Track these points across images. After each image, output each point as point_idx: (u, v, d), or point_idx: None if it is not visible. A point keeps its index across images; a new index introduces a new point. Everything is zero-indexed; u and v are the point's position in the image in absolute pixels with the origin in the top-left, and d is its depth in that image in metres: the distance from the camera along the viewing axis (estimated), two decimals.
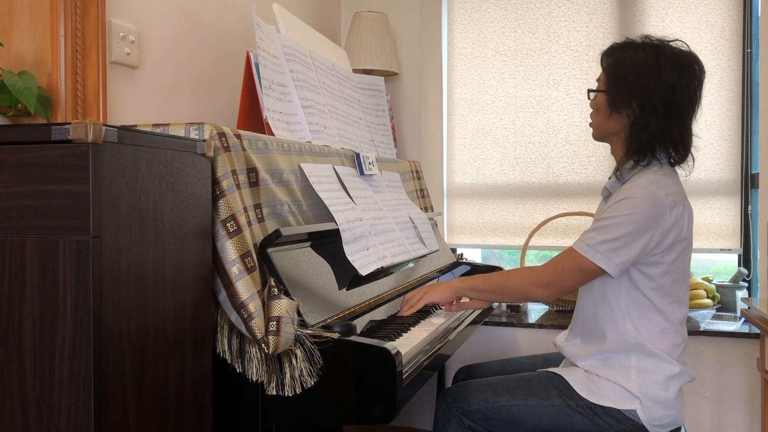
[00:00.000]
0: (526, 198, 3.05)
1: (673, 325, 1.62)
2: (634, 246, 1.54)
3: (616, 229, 1.54)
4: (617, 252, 1.54)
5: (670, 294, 1.62)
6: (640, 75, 1.59)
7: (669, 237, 1.57)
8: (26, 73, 1.45)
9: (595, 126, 1.73)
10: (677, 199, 1.58)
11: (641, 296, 1.60)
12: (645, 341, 1.60)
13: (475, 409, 1.66)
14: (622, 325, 1.62)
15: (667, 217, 1.55)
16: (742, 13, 2.77)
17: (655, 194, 1.55)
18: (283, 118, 1.83)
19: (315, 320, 1.43)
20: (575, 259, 1.58)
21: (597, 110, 1.70)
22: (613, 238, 1.54)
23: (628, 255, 1.55)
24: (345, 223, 1.69)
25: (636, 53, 1.62)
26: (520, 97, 3.05)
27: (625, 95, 1.61)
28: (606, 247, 1.55)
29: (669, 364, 1.60)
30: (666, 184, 1.58)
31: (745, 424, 2.50)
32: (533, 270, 1.68)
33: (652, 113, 1.58)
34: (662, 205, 1.55)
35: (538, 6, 3.02)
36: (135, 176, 1.07)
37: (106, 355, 1.01)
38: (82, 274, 0.98)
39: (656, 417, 1.59)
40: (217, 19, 2.16)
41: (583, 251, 1.57)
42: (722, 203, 2.80)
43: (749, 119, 2.78)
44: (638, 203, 1.54)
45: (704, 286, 2.63)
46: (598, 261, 1.55)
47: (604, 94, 1.66)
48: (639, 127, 1.61)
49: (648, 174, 1.60)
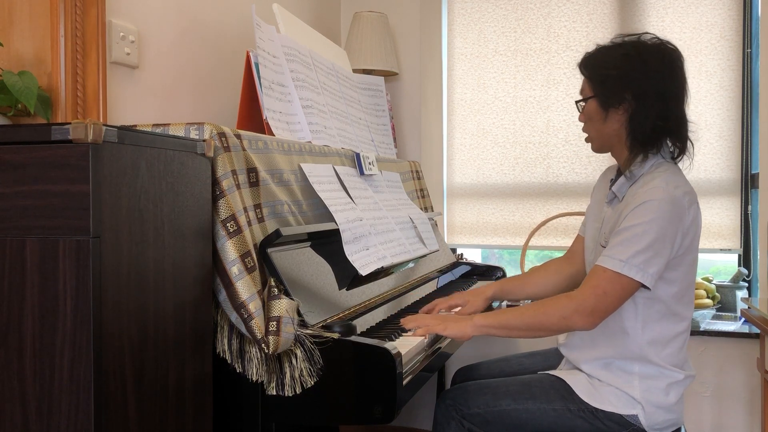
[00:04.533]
0: (526, 198, 3.05)
1: (683, 326, 1.61)
2: (663, 252, 1.49)
3: (643, 238, 1.48)
4: (650, 262, 1.48)
5: (685, 295, 1.60)
6: (626, 68, 1.58)
7: (688, 236, 1.54)
8: (26, 73, 1.45)
9: (594, 137, 1.68)
10: (692, 197, 1.56)
11: (659, 303, 1.57)
12: (652, 349, 1.58)
13: (475, 412, 1.65)
14: (630, 331, 1.59)
15: (687, 216, 1.53)
16: (742, 13, 2.77)
17: (673, 194, 1.51)
18: (283, 118, 1.83)
19: (315, 320, 1.43)
20: (612, 278, 1.50)
21: (590, 119, 1.66)
22: (643, 248, 1.48)
23: (660, 262, 1.50)
24: (345, 223, 1.69)
25: (615, 51, 1.62)
26: (520, 97, 3.05)
27: (617, 91, 1.59)
28: (640, 260, 1.48)
29: (672, 372, 1.59)
30: (681, 183, 1.55)
31: (745, 424, 2.50)
32: (571, 298, 1.54)
33: (649, 99, 1.57)
34: (681, 205, 1.52)
35: (538, 6, 3.02)
36: (135, 176, 1.07)
37: (106, 355, 1.01)
38: (82, 274, 0.98)
39: (658, 421, 1.58)
40: (217, 19, 2.16)
41: (618, 269, 1.49)
42: (722, 203, 2.79)
43: (749, 119, 2.78)
44: (660, 206, 1.49)
45: (704, 286, 2.63)
46: (635, 276, 1.48)
47: (594, 100, 1.64)
48: (641, 117, 1.58)
49: (660, 175, 1.56)
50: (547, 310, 1.55)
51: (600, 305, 1.50)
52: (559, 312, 1.53)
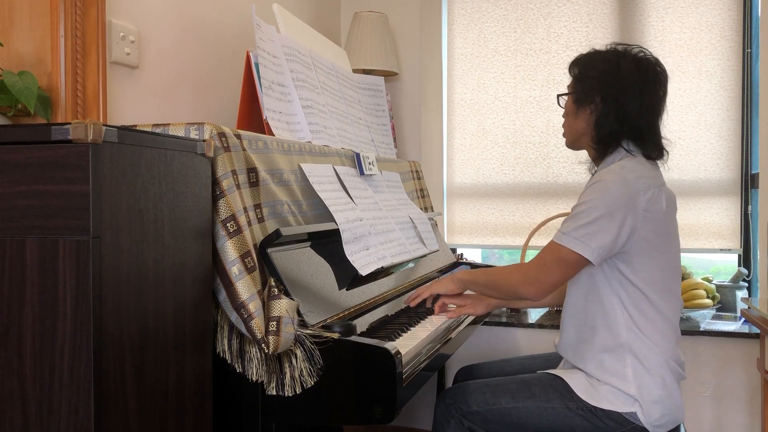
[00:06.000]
0: (526, 198, 3.05)
1: (666, 316, 1.62)
2: (609, 229, 1.54)
3: (588, 214, 1.56)
4: (593, 236, 1.55)
5: (661, 284, 1.62)
6: (602, 72, 1.68)
7: (649, 220, 1.57)
8: (26, 73, 1.45)
9: (566, 130, 1.80)
10: (650, 182, 1.60)
11: (633, 288, 1.60)
12: (637, 334, 1.60)
13: (474, 410, 1.66)
14: (612, 317, 1.62)
15: (641, 197, 1.56)
16: (742, 13, 2.77)
17: (626, 176, 1.57)
18: (283, 118, 1.83)
19: (315, 320, 1.43)
20: (554, 249, 1.59)
21: (567, 113, 1.78)
22: (586, 223, 1.55)
23: (605, 239, 1.55)
24: (345, 223, 1.69)
25: (599, 56, 1.72)
26: (520, 97, 3.05)
27: (589, 91, 1.69)
28: (581, 233, 1.55)
29: (663, 359, 1.60)
30: (637, 169, 1.60)
31: (745, 424, 2.50)
32: (518, 267, 1.70)
33: (613, 105, 1.65)
34: (634, 187, 1.56)
35: (538, 6, 3.02)
36: (135, 176, 1.07)
37: (106, 355, 1.01)
38: (82, 274, 0.98)
39: (656, 417, 1.59)
40: (217, 19, 2.16)
41: (559, 240, 1.59)
42: (722, 203, 2.79)
43: (749, 119, 2.78)
44: (608, 185, 1.57)
45: (704, 286, 2.63)
46: (575, 247, 1.56)
47: (570, 96, 1.76)
48: (603, 120, 1.67)
49: (620, 162, 1.65)
50: (501, 275, 1.72)
51: (541, 276, 1.61)
52: (510, 278, 1.67)
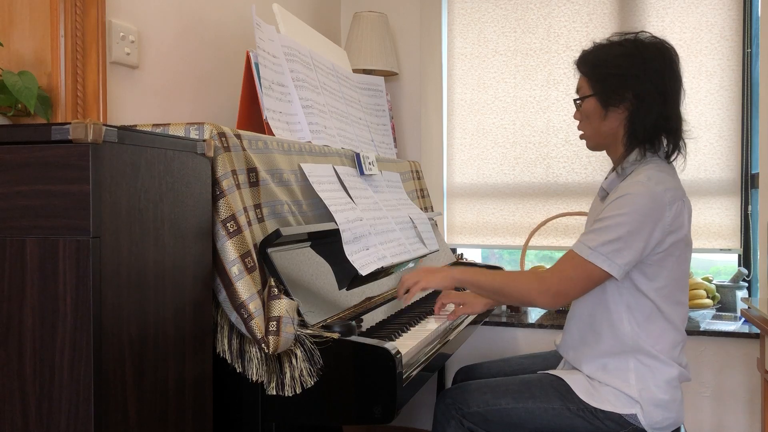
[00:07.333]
0: (526, 198, 3.05)
1: (674, 325, 1.61)
2: (635, 245, 1.51)
3: (616, 230, 1.51)
4: (620, 253, 1.51)
5: (671, 294, 1.60)
6: (627, 67, 1.59)
7: (671, 234, 1.55)
8: (26, 73, 1.45)
9: (590, 135, 1.70)
10: (676, 194, 1.56)
11: (643, 297, 1.59)
12: (643, 343, 1.59)
13: (474, 411, 1.65)
14: (619, 326, 1.60)
15: (667, 213, 1.53)
16: (742, 13, 2.77)
17: (654, 190, 1.52)
18: (283, 118, 1.83)
19: (315, 320, 1.43)
20: (579, 264, 1.54)
21: (588, 117, 1.67)
22: (614, 239, 1.51)
23: (631, 255, 1.52)
24: (345, 223, 1.69)
25: (614, 49, 1.63)
26: (520, 97, 3.05)
27: (618, 90, 1.60)
28: (608, 249, 1.51)
29: (668, 366, 1.59)
30: (664, 180, 1.56)
31: (745, 424, 2.50)
32: (538, 277, 1.60)
33: (650, 98, 1.58)
34: (661, 201, 1.53)
35: (538, 6, 3.02)
36: (135, 176, 1.07)
37: (106, 355, 1.01)
38: (82, 274, 0.98)
39: (657, 420, 1.58)
40: (217, 19, 2.16)
41: (585, 255, 1.53)
42: (722, 203, 2.79)
43: (749, 119, 2.78)
44: (636, 200, 1.52)
45: (704, 286, 2.63)
46: (601, 264, 1.52)
47: (593, 98, 1.64)
48: (642, 116, 1.59)
49: (645, 170, 1.58)
50: (515, 281, 1.64)
51: (563, 288, 1.56)
52: (525, 287, 1.60)
